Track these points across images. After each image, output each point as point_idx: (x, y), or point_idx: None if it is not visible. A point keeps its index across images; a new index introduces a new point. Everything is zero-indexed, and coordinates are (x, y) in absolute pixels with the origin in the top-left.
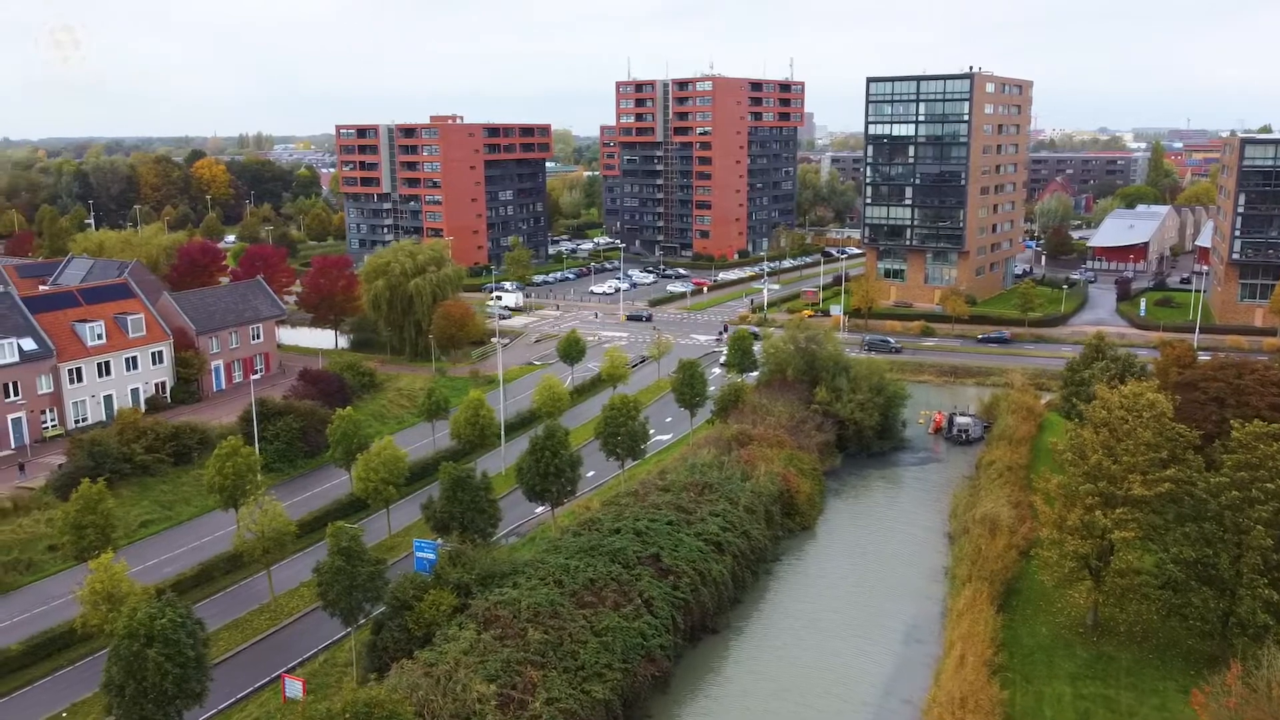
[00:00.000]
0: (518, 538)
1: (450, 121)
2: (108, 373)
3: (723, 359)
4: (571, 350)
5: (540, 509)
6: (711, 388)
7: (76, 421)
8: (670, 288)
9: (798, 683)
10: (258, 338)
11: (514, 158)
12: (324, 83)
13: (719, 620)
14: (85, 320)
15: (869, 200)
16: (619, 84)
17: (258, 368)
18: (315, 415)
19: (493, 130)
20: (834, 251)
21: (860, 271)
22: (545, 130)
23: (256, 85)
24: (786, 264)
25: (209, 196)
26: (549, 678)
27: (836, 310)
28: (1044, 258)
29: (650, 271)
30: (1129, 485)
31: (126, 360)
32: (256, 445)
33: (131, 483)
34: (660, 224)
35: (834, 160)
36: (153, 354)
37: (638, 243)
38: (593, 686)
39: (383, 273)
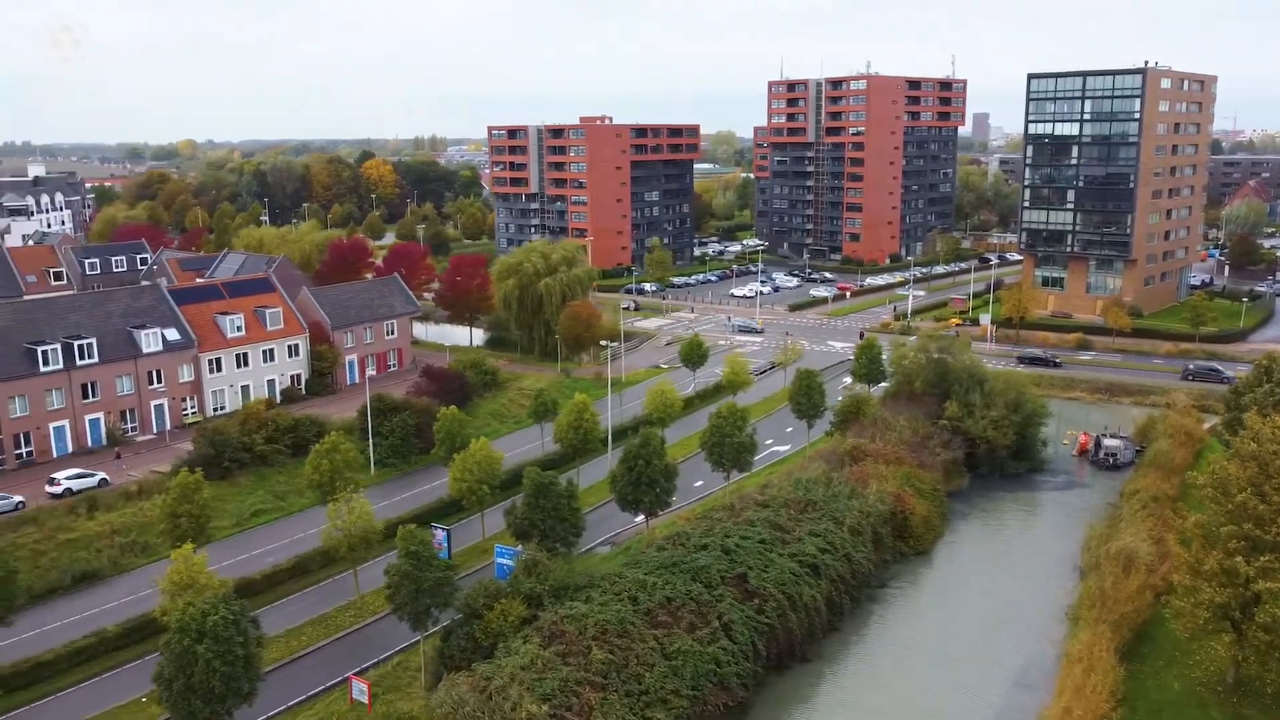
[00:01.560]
0: (612, 547)
1: (599, 122)
2: (245, 364)
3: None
4: (693, 354)
5: (638, 519)
6: (839, 398)
7: (215, 410)
8: (813, 292)
9: (887, 719)
10: (392, 334)
11: (661, 158)
12: (497, 85)
13: (810, 648)
14: (227, 313)
15: (1027, 203)
16: (771, 84)
17: (390, 363)
18: (430, 412)
19: (640, 131)
20: (992, 257)
21: (1016, 279)
22: (694, 131)
23: (433, 88)
24: (939, 270)
25: (374, 195)
26: (608, 700)
27: (986, 319)
28: (1227, 268)
29: (795, 274)
30: (1279, 529)
31: (264, 352)
32: (370, 441)
33: (250, 472)
34: (809, 226)
35: (1002, 162)
36: (289, 347)
37: (785, 245)
38: (655, 713)
39: (514, 272)
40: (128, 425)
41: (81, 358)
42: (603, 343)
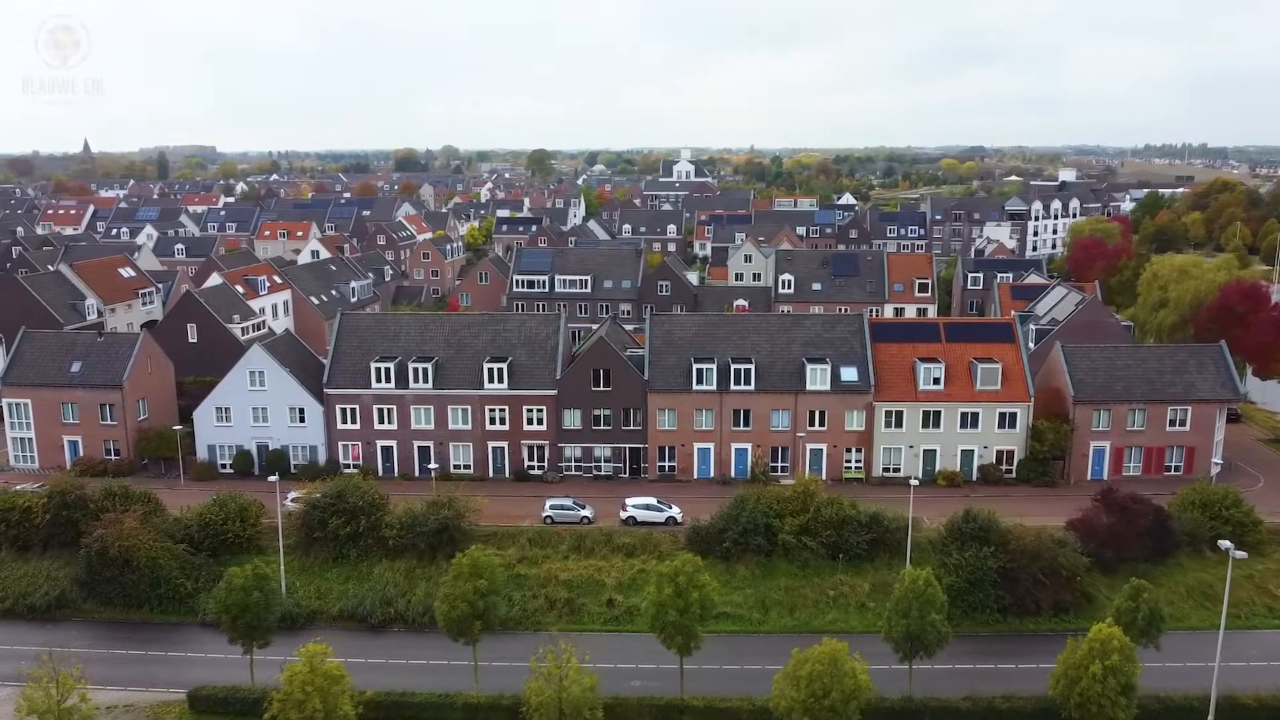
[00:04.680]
0: None
1: None
2: (935, 424)
3: None
4: None
5: None
6: None
7: (884, 470)
8: None
9: None
10: (1181, 424)
11: None
12: None
13: None
14: (930, 359)
15: None
16: None
17: (1170, 462)
18: (1042, 560)
19: None
20: None
21: None
22: None
23: None
24: None
25: None
26: None
27: None
28: None
29: None
30: None
31: (963, 414)
32: (907, 562)
33: (752, 562)
34: None
35: None
36: (1001, 414)
37: None
38: None
39: None
40: (776, 464)
41: (737, 382)
42: None
